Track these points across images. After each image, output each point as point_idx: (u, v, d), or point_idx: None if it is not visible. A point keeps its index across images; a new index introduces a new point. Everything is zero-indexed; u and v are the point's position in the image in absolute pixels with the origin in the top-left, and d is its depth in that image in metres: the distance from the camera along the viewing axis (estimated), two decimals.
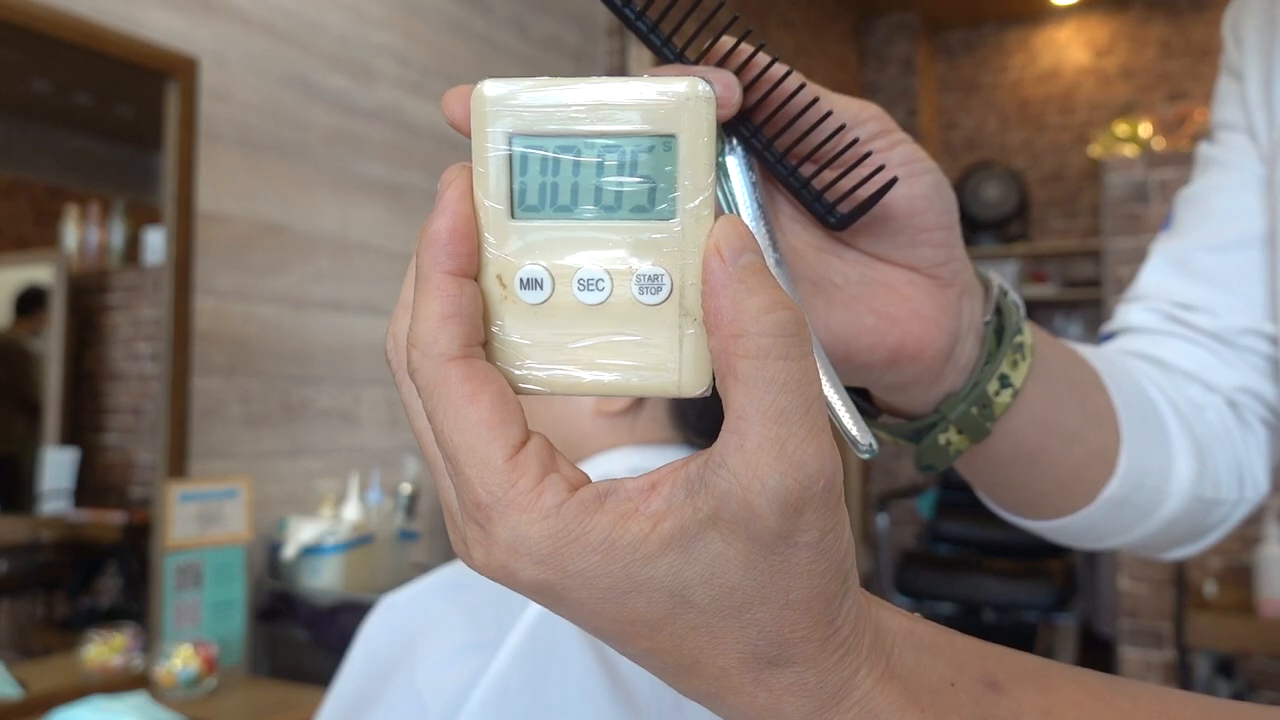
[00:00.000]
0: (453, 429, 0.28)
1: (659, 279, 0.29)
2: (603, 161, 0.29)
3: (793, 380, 0.27)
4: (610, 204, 0.29)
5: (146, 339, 1.91)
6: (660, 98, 0.29)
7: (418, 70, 2.55)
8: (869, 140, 0.38)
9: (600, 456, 0.80)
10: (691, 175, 0.29)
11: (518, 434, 0.28)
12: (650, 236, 0.29)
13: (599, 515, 0.27)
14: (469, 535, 0.29)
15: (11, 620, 1.78)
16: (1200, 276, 0.67)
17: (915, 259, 0.41)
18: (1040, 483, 0.54)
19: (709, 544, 0.27)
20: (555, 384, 0.30)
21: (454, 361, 0.28)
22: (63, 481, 1.82)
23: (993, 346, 0.45)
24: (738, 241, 0.28)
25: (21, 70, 1.76)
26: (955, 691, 0.31)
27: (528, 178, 0.29)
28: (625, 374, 0.30)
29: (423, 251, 0.29)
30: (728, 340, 0.27)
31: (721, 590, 0.28)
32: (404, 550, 2.21)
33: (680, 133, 0.29)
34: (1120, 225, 3.27)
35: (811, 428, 0.27)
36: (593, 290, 0.29)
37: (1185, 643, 2.77)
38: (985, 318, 0.45)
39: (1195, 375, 0.65)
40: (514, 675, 0.64)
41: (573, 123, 0.29)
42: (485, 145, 0.29)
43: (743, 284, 0.27)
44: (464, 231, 0.29)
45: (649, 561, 0.27)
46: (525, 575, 0.28)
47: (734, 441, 0.27)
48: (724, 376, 0.27)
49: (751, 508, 0.27)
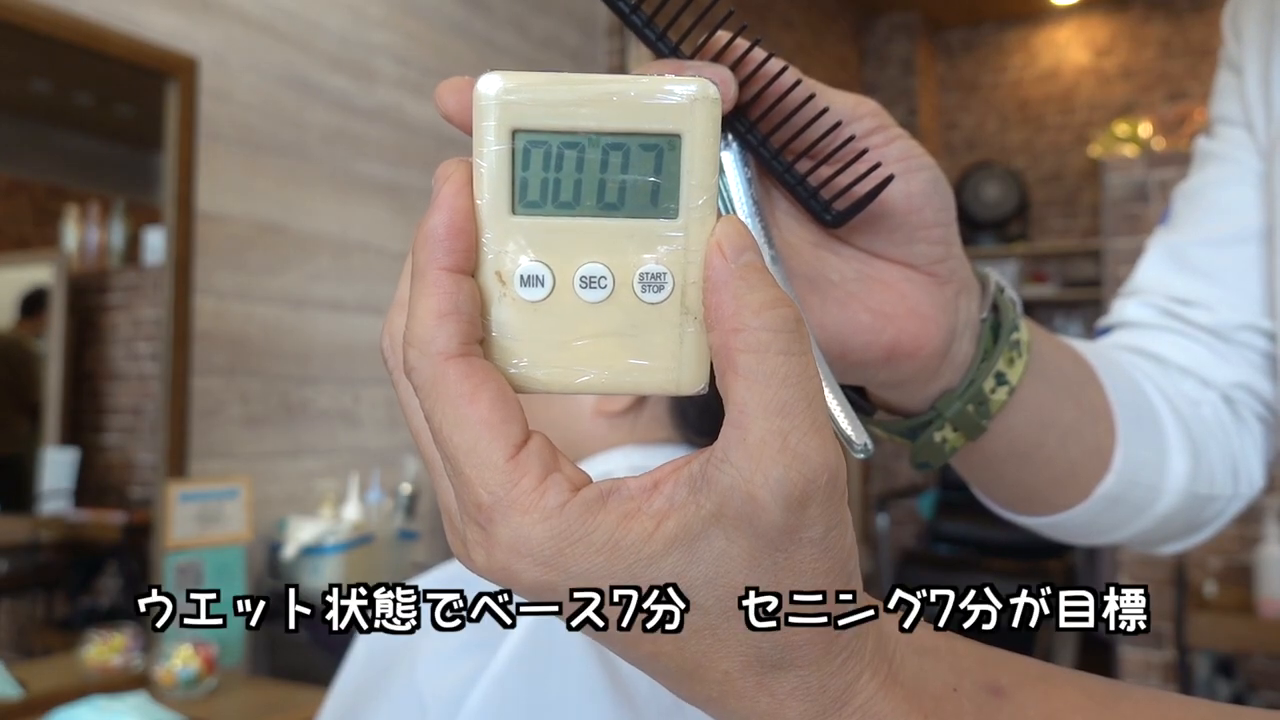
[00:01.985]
0: (452, 428, 0.27)
1: (661, 277, 0.29)
2: (607, 159, 0.29)
3: (793, 375, 0.27)
4: (613, 201, 0.29)
5: (146, 339, 1.91)
6: (667, 98, 0.29)
7: (418, 70, 2.55)
8: (865, 136, 0.38)
9: (600, 456, 0.80)
10: (696, 175, 0.29)
11: (518, 433, 0.28)
12: (653, 235, 0.29)
13: (602, 515, 0.27)
14: (469, 537, 0.28)
15: (11, 620, 1.78)
16: (1197, 271, 0.66)
17: (912, 256, 0.41)
18: (1036, 479, 0.53)
19: (713, 542, 0.27)
20: (554, 383, 0.30)
21: (452, 360, 0.28)
22: (63, 481, 1.82)
23: (989, 344, 0.45)
24: (739, 240, 0.28)
25: (21, 70, 1.76)
26: (958, 697, 0.31)
27: (529, 173, 0.29)
28: (625, 372, 0.30)
29: (419, 248, 0.29)
30: (728, 335, 0.27)
31: (726, 590, 0.27)
32: (404, 550, 2.21)
33: (686, 133, 0.29)
34: (1120, 225, 3.27)
35: (814, 422, 0.27)
36: (594, 288, 0.29)
37: (1185, 643, 2.77)
38: (982, 315, 0.45)
39: (1191, 370, 0.65)
40: (514, 675, 0.64)
41: (577, 119, 0.29)
42: (486, 139, 0.29)
43: (743, 281, 0.27)
44: (462, 227, 0.29)
45: (653, 562, 0.27)
46: (527, 576, 0.27)
47: (736, 436, 0.27)
48: (724, 372, 0.27)
49: (755, 501, 0.26)
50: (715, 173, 0.29)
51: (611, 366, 0.30)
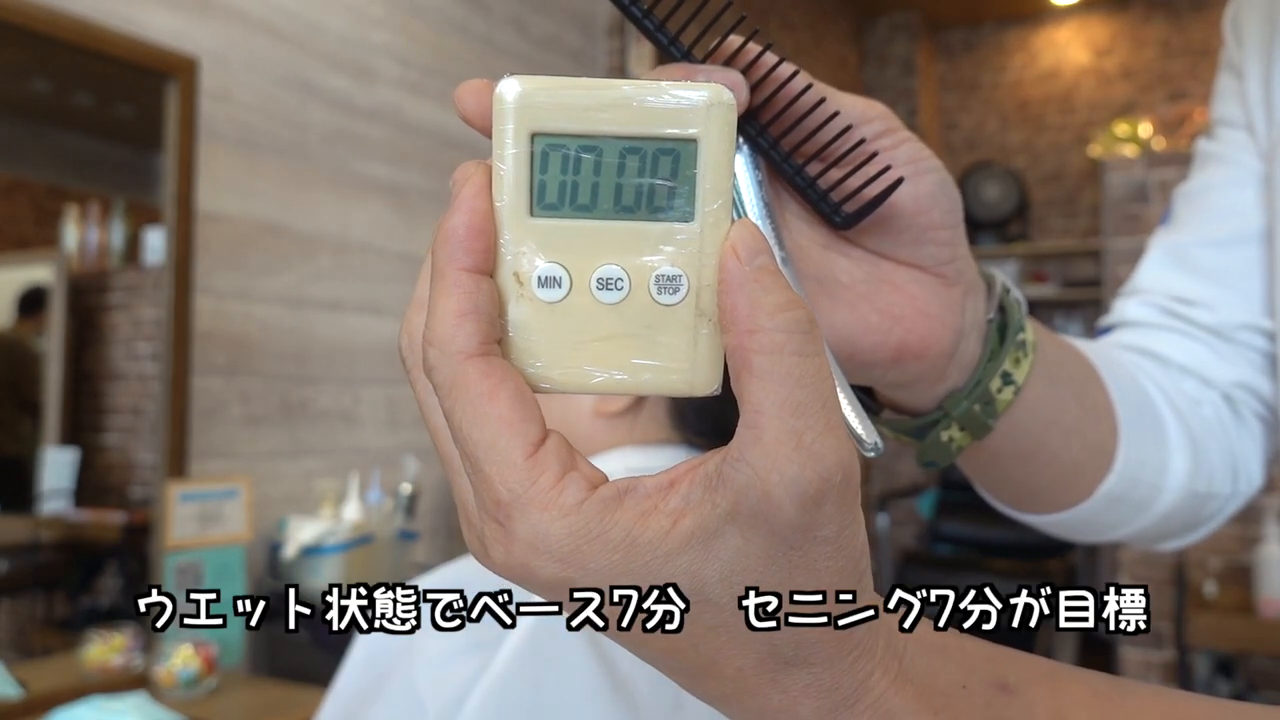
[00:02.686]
0: (471, 426, 0.28)
1: (677, 279, 0.30)
2: (624, 162, 0.30)
3: (808, 375, 0.27)
4: (630, 204, 0.30)
5: (146, 339, 1.91)
6: (684, 103, 0.29)
7: (418, 70, 2.55)
8: (874, 139, 0.38)
9: (600, 457, 0.80)
10: (712, 179, 0.29)
11: (537, 431, 0.28)
12: (669, 237, 0.30)
13: (619, 513, 0.27)
14: (487, 534, 0.29)
15: (11, 620, 1.78)
16: (1198, 271, 0.67)
17: (920, 257, 0.41)
18: (1039, 478, 0.54)
19: (728, 540, 0.27)
20: (570, 382, 0.30)
21: (472, 359, 0.28)
22: (63, 481, 1.82)
23: (995, 344, 0.46)
24: (753, 243, 0.29)
25: (21, 70, 1.76)
26: (968, 694, 0.31)
27: (548, 176, 0.30)
28: (639, 373, 0.30)
29: (439, 248, 0.29)
30: (743, 336, 0.27)
31: (741, 587, 0.28)
32: (404, 550, 2.21)
33: (702, 137, 0.29)
34: (1120, 225, 3.28)
35: (828, 422, 0.27)
36: (611, 289, 0.30)
37: (1185, 643, 2.77)
38: (988, 315, 0.45)
39: (1192, 370, 0.65)
40: (514, 675, 0.64)
41: (595, 123, 0.29)
42: (506, 142, 0.29)
43: (758, 283, 0.28)
44: (481, 228, 0.29)
45: (669, 559, 0.27)
46: (545, 573, 0.28)
47: (751, 436, 0.27)
48: (739, 373, 0.28)
49: (770, 499, 0.27)
50: (730, 177, 0.30)
51: (626, 367, 0.30)
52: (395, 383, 2.47)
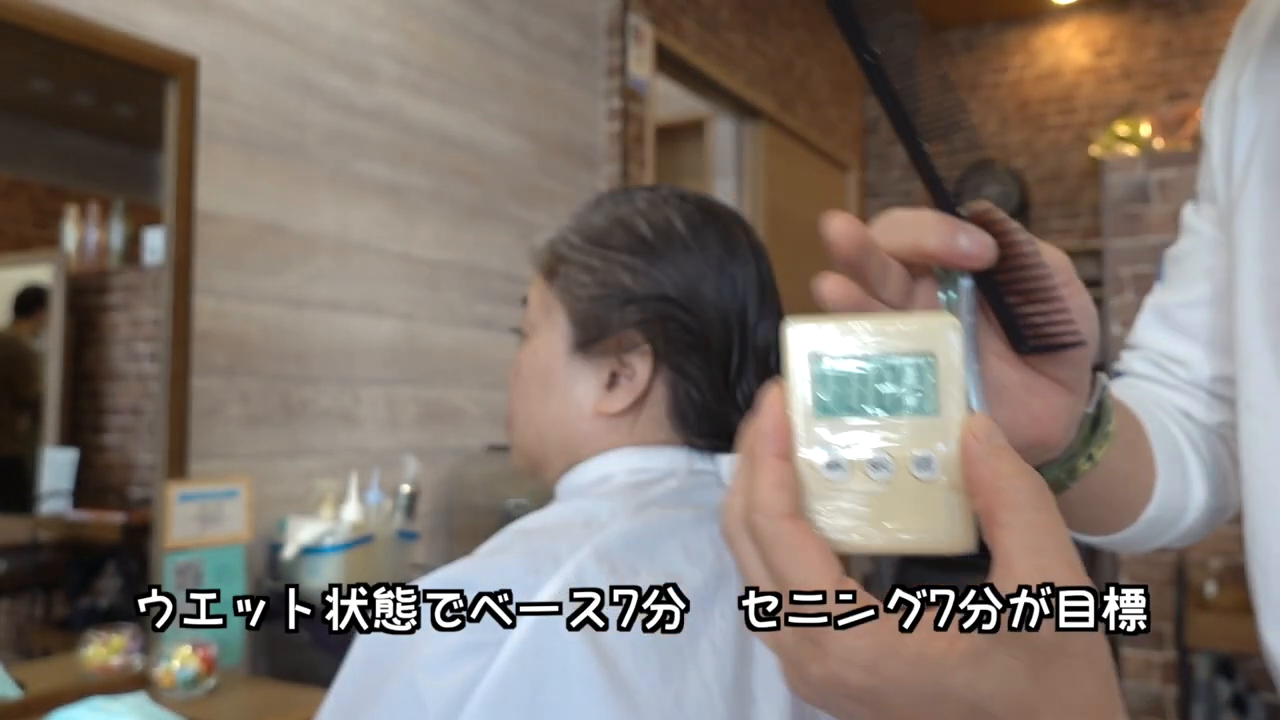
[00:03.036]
0: (793, 570, 0.36)
1: (929, 460, 0.39)
2: (882, 374, 0.39)
3: (1044, 525, 0.35)
4: (889, 406, 0.39)
5: (146, 339, 1.91)
6: (922, 329, 0.40)
7: (418, 70, 2.55)
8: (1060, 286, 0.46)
9: (600, 457, 0.80)
10: (948, 381, 0.39)
11: (837, 570, 0.36)
12: (921, 428, 0.39)
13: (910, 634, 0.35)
14: (803, 654, 0.37)
15: (11, 620, 1.78)
16: (1179, 330, 0.80)
17: (1062, 375, 0.49)
18: (1098, 513, 0.67)
19: (997, 658, 0.34)
20: (850, 544, 0.39)
21: (786, 518, 0.37)
22: (62, 481, 1.82)
23: (1087, 432, 0.56)
24: (988, 427, 0.38)
25: (21, 70, 1.76)
26: None
27: (826, 386, 0.40)
28: (905, 533, 0.39)
29: (754, 441, 0.39)
30: (990, 497, 0.36)
31: (1012, 698, 0.34)
32: (404, 551, 2.21)
33: (941, 354, 0.39)
34: (1121, 225, 3.27)
35: (1065, 559, 0.35)
36: (881, 470, 0.39)
37: (1185, 643, 2.77)
38: (1088, 409, 0.55)
39: (1188, 415, 0.79)
40: (514, 676, 0.63)
41: (859, 347, 0.40)
42: (796, 367, 0.40)
43: (996, 457, 0.36)
44: (783, 426, 0.39)
45: (950, 673, 0.34)
46: (854, 681, 0.35)
47: (1004, 574, 0.35)
48: (990, 527, 0.36)
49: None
50: (963, 378, 0.39)
51: (895, 529, 0.39)
52: (395, 383, 2.47)
